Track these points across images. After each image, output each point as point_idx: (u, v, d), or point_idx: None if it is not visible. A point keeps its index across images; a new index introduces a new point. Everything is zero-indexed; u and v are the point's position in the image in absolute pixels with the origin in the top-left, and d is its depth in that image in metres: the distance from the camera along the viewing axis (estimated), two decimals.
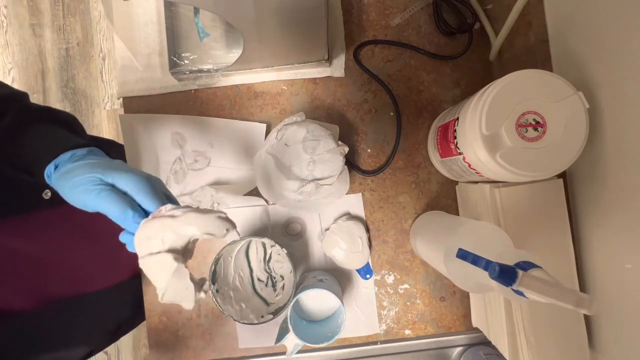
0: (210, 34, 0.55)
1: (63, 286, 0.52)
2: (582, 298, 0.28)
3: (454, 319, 0.58)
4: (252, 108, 0.59)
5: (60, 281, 0.52)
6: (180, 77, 0.57)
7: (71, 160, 0.38)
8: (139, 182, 0.35)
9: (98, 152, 0.41)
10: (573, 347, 0.47)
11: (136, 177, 0.35)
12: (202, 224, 0.33)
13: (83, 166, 0.36)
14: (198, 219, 0.33)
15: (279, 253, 0.57)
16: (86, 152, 0.39)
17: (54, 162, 0.38)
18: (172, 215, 0.34)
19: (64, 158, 0.38)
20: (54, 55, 1.51)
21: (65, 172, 0.37)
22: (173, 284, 0.34)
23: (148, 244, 0.33)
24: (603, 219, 0.47)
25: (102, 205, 0.34)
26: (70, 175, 0.36)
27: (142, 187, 0.35)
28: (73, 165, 0.37)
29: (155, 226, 0.33)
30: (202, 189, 0.58)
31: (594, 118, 0.43)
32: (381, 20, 0.59)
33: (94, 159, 0.38)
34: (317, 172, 0.50)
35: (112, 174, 0.35)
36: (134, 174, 0.35)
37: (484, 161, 0.41)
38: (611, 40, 0.43)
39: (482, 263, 0.33)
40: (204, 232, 0.34)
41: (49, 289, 0.51)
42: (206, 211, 0.34)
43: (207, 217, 0.34)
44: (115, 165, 0.37)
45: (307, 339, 0.48)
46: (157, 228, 0.33)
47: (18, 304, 0.47)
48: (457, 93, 0.58)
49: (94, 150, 0.41)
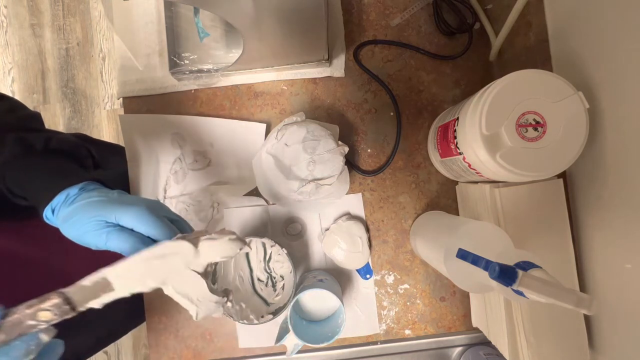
0: (210, 34, 0.55)
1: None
2: (582, 298, 0.28)
3: (454, 319, 0.58)
4: (252, 108, 0.59)
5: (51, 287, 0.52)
6: (180, 77, 0.57)
7: (66, 203, 0.37)
8: (141, 216, 0.35)
9: (91, 187, 0.40)
10: (573, 347, 0.47)
11: (137, 210, 0.35)
12: (217, 251, 0.34)
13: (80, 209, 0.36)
14: (211, 248, 0.34)
15: (279, 253, 0.57)
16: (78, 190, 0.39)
17: (50, 206, 0.38)
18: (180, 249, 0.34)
19: (59, 201, 0.38)
20: (54, 55, 1.51)
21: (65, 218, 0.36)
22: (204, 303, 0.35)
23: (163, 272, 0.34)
24: (603, 219, 0.47)
25: (114, 245, 0.35)
26: (71, 221, 0.36)
27: (146, 219, 0.35)
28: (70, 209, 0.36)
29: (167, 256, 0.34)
30: (202, 189, 0.58)
31: (594, 118, 0.43)
32: (381, 20, 0.59)
33: (88, 197, 0.37)
34: (317, 172, 0.50)
35: (114, 213, 0.35)
36: (134, 208, 0.35)
37: (484, 161, 0.41)
38: (611, 40, 0.43)
39: (482, 263, 0.33)
40: (221, 257, 0.35)
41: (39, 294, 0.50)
42: (217, 237, 0.35)
43: (220, 243, 0.34)
44: (114, 200, 0.37)
45: (307, 339, 0.48)
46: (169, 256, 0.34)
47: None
48: (457, 93, 0.58)
49: (85, 185, 0.40)
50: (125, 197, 0.39)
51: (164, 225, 0.36)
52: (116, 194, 0.39)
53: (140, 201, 0.37)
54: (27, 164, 0.41)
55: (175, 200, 0.58)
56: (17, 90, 1.51)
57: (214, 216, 0.58)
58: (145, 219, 0.35)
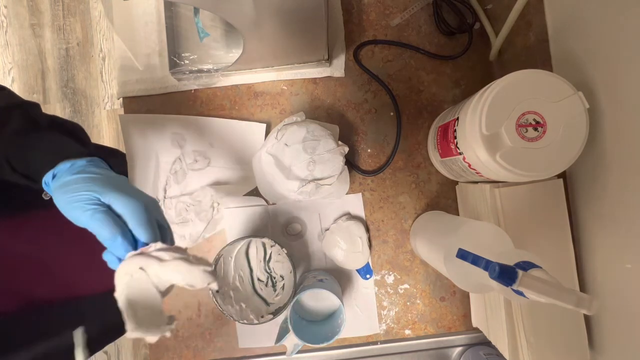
0: (210, 34, 0.55)
1: (51, 289, 0.52)
2: (582, 298, 0.28)
3: (454, 319, 0.58)
4: (252, 108, 0.59)
5: (48, 284, 0.52)
6: (180, 77, 0.57)
7: (70, 172, 0.37)
8: (135, 209, 0.34)
9: (99, 163, 0.40)
10: (573, 347, 0.47)
11: (134, 202, 0.35)
12: (188, 276, 0.33)
13: (81, 180, 0.35)
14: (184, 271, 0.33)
15: (279, 253, 0.57)
16: (86, 162, 0.38)
17: (53, 171, 0.37)
18: (159, 259, 0.33)
19: (63, 168, 0.37)
20: (54, 55, 1.51)
21: (63, 184, 0.36)
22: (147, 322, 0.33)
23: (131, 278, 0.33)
24: (603, 219, 0.47)
25: (94, 226, 0.34)
26: (67, 188, 0.35)
27: (138, 215, 0.34)
28: (71, 178, 0.36)
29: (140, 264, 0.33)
30: (202, 189, 0.58)
31: (594, 118, 0.43)
32: (381, 20, 0.59)
33: (93, 172, 0.37)
34: (317, 172, 0.50)
35: (110, 194, 0.34)
36: (132, 199, 0.35)
37: (484, 161, 0.41)
38: (611, 40, 0.43)
39: (482, 263, 0.33)
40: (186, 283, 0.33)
41: (35, 291, 0.50)
42: (193, 262, 0.34)
43: (193, 270, 0.33)
44: (116, 183, 0.36)
45: (307, 339, 0.48)
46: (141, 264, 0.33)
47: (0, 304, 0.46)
48: (457, 93, 0.58)
49: (94, 160, 0.40)
50: (130, 186, 0.38)
51: (152, 229, 0.35)
52: (123, 179, 0.39)
53: (141, 195, 0.37)
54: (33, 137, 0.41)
55: (175, 200, 0.58)
56: (17, 90, 1.50)
57: (214, 216, 0.58)
58: (139, 215, 0.35)
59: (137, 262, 0.33)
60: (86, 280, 0.56)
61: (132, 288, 0.33)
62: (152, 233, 0.35)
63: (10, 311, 0.47)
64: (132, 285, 0.33)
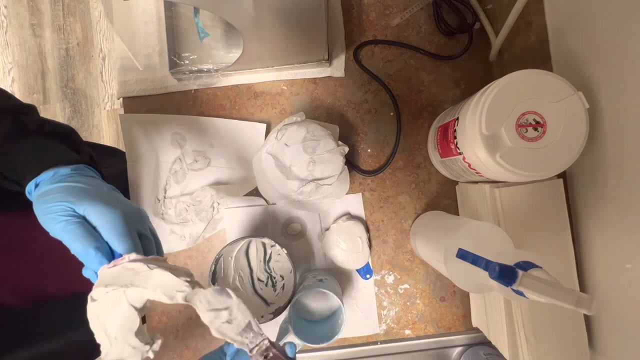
0: (210, 34, 0.55)
1: (58, 285, 0.52)
2: (582, 298, 0.28)
3: (454, 319, 0.58)
4: (252, 108, 0.59)
5: (55, 279, 0.52)
6: (180, 77, 0.57)
7: (51, 181, 0.35)
8: (111, 219, 0.33)
9: (84, 171, 0.38)
10: (573, 347, 0.47)
11: (110, 212, 0.33)
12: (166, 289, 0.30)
13: (59, 190, 0.34)
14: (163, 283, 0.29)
15: (279, 253, 0.57)
16: (70, 171, 0.37)
17: (35, 180, 0.36)
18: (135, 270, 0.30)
19: (46, 177, 0.36)
20: (54, 55, 1.51)
21: (42, 194, 0.34)
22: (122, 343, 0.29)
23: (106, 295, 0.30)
24: (603, 219, 0.46)
25: (66, 238, 0.32)
26: (44, 199, 0.33)
27: (114, 225, 0.33)
28: (50, 187, 0.34)
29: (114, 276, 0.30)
30: (202, 189, 0.58)
31: (594, 118, 0.43)
32: (381, 20, 0.59)
33: (75, 180, 0.35)
34: (317, 172, 0.50)
35: (86, 204, 0.32)
36: (108, 209, 0.33)
37: (484, 161, 0.41)
38: (611, 40, 0.43)
39: (482, 263, 0.33)
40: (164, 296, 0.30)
41: (45, 287, 0.50)
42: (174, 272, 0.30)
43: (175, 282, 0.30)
44: (94, 192, 0.35)
45: (307, 339, 0.48)
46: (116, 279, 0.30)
47: (10, 300, 0.46)
48: (457, 93, 0.58)
49: (79, 167, 0.38)
50: (111, 195, 0.36)
51: (128, 240, 0.33)
52: (105, 188, 0.37)
53: (120, 204, 0.35)
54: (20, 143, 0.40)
55: (175, 200, 0.58)
56: (17, 90, 1.51)
57: (214, 216, 0.58)
58: (114, 225, 0.33)
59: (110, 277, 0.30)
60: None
61: (103, 306, 0.29)
62: (127, 244, 0.33)
63: (23, 306, 0.48)
64: (104, 301, 0.29)
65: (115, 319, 0.29)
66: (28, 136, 0.41)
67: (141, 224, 0.36)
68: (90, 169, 0.40)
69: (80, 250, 0.32)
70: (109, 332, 0.29)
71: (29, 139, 0.41)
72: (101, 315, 0.29)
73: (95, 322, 0.30)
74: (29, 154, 0.39)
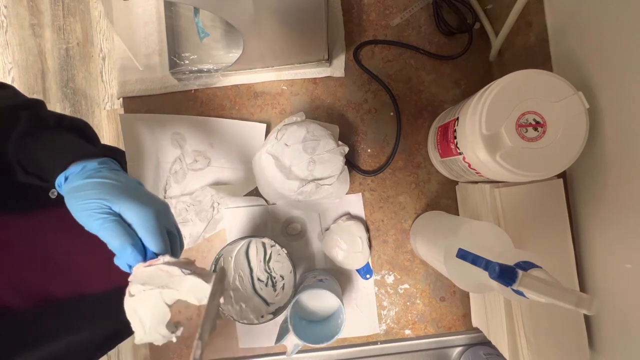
0: (210, 34, 0.55)
1: (63, 287, 0.52)
2: (582, 298, 0.28)
3: (454, 319, 0.58)
4: (252, 108, 0.59)
5: (60, 281, 0.52)
6: (180, 77, 0.57)
7: (81, 175, 0.37)
8: (146, 218, 0.35)
9: (110, 164, 0.40)
10: (573, 347, 0.47)
11: (145, 211, 0.35)
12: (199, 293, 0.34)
13: (92, 186, 0.36)
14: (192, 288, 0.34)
15: (279, 253, 0.57)
16: (97, 165, 0.38)
17: (64, 173, 0.37)
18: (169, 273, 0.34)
19: (75, 170, 0.37)
20: (54, 55, 1.51)
21: (74, 188, 0.36)
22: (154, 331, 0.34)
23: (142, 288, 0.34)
24: (603, 219, 0.46)
25: (104, 235, 0.34)
26: (78, 194, 0.35)
27: (148, 224, 0.35)
28: (82, 182, 0.36)
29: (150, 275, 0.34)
30: (202, 189, 0.58)
31: (594, 118, 0.43)
32: (381, 20, 0.59)
33: (105, 176, 0.37)
34: (317, 172, 0.50)
35: (121, 203, 0.35)
36: (142, 207, 0.35)
37: (484, 161, 0.41)
38: (611, 40, 0.43)
39: (482, 263, 0.33)
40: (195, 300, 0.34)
41: (48, 289, 0.51)
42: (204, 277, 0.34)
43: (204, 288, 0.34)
44: (127, 189, 0.36)
45: (307, 339, 0.48)
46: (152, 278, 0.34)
47: (14, 302, 0.46)
48: (457, 93, 0.58)
49: (105, 161, 0.39)
50: (141, 191, 0.38)
51: (161, 239, 0.36)
52: (134, 183, 0.39)
53: (152, 202, 0.36)
54: (42, 137, 0.41)
55: (175, 200, 0.58)
56: None
57: (214, 216, 0.58)
58: (148, 224, 0.35)
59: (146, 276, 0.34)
60: (96, 278, 0.57)
61: (141, 301, 0.34)
62: (161, 243, 0.35)
63: (28, 308, 0.48)
64: (142, 297, 0.34)
65: (150, 313, 0.34)
66: (48, 131, 0.42)
67: (169, 221, 0.38)
68: (114, 162, 0.41)
69: (117, 246, 0.34)
70: (144, 322, 0.34)
71: (49, 133, 0.42)
72: (138, 309, 0.34)
73: (132, 314, 0.34)
74: (53, 147, 0.40)
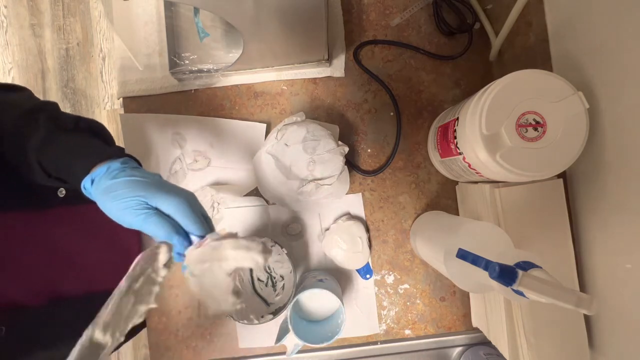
0: (210, 34, 0.55)
1: (74, 284, 0.52)
2: (582, 298, 0.28)
3: (454, 319, 0.58)
4: (252, 108, 0.59)
5: (71, 279, 0.52)
6: (180, 77, 0.57)
7: (108, 176, 0.38)
8: (181, 206, 0.37)
9: (131, 162, 0.41)
10: (573, 347, 0.47)
11: (179, 201, 0.37)
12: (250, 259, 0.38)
13: (124, 185, 0.37)
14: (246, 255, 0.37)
15: (279, 253, 0.57)
16: (120, 165, 0.39)
17: (90, 176, 0.38)
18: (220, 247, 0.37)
19: (100, 172, 0.38)
20: (54, 55, 1.51)
21: (106, 190, 0.37)
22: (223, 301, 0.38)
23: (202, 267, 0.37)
24: (603, 218, 0.46)
25: (150, 229, 0.36)
26: (113, 195, 0.36)
27: (184, 211, 0.37)
28: (112, 182, 0.37)
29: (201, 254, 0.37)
30: (202, 188, 0.58)
31: (594, 118, 0.43)
32: (381, 20, 0.59)
33: (132, 174, 0.38)
34: (317, 172, 0.50)
35: (156, 197, 0.36)
36: (176, 198, 0.37)
37: (484, 161, 0.41)
38: (611, 40, 0.43)
39: (482, 263, 0.33)
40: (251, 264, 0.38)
41: (60, 286, 0.51)
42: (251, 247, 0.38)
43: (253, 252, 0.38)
44: (156, 184, 0.38)
45: (307, 339, 0.48)
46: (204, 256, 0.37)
47: (28, 299, 0.47)
48: (457, 93, 0.58)
49: (127, 161, 0.40)
50: (167, 183, 0.39)
51: (200, 221, 0.38)
52: (158, 177, 0.40)
53: (180, 192, 0.38)
54: (61, 140, 0.41)
55: None
56: None
57: (214, 216, 0.58)
58: (185, 211, 0.37)
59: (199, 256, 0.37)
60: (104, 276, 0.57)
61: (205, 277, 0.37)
62: (200, 225, 0.38)
63: (42, 305, 0.48)
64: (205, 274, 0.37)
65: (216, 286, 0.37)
66: (66, 133, 0.42)
67: (200, 205, 0.40)
68: (133, 160, 0.42)
69: (164, 236, 0.37)
70: (214, 295, 0.38)
71: (69, 136, 0.42)
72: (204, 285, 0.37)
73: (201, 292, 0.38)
74: (73, 150, 0.41)
